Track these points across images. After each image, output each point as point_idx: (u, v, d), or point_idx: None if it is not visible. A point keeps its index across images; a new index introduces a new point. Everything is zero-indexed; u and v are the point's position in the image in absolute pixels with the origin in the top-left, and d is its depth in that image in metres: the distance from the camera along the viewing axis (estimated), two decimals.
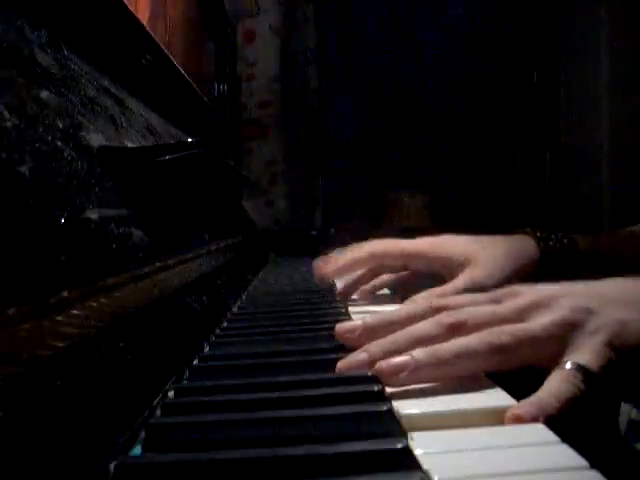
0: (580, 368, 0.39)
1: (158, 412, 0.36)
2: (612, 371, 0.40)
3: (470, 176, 2.59)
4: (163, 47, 0.81)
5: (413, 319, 0.45)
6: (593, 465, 0.27)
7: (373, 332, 0.45)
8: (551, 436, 0.30)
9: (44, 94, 0.43)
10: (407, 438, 0.30)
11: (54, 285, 0.31)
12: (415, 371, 0.40)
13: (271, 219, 2.37)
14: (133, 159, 0.52)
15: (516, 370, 0.42)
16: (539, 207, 2.41)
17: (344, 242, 0.87)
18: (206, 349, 0.52)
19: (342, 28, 2.68)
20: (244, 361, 0.47)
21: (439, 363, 0.40)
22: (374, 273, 0.78)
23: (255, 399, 0.36)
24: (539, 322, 0.43)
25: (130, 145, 0.58)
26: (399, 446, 0.28)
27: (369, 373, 0.39)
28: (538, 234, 0.72)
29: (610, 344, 0.41)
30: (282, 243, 1.82)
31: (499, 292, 0.48)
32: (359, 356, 0.42)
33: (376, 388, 0.36)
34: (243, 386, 0.39)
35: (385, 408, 0.33)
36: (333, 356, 0.44)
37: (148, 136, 0.68)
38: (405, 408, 0.34)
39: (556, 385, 0.38)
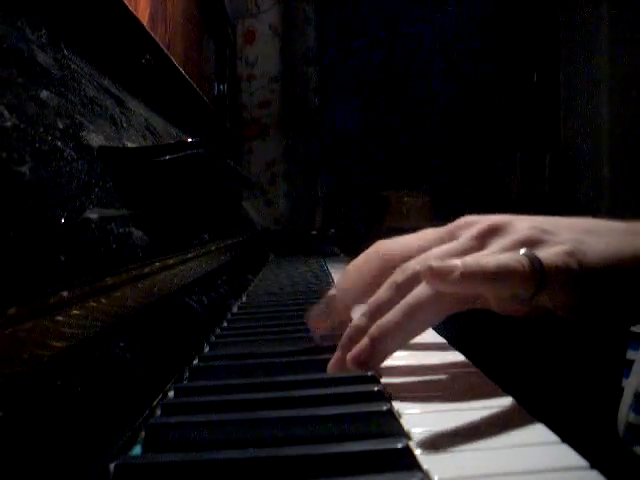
0: (531, 255, 0.38)
1: (158, 412, 0.36)
2: (571, 277, 0.38)
3: (470, 176, 2.59)
4: (163, 47, 0.81)
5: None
6: (592, 467, 0.27)
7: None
8: (551, 436, 0.30)
9: (44, 94, 0.43)
10: (407, 438, 0.30)
11: (54, 285, 0.31)
12: (378, 345, 0.39)
13: (271, 219, 2.37)
14: (133, 159, 0.52)
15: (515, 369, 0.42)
16: (539, 207, 2.41)
17: (344, 244, 0.86)
18: (206, 349, 0.52)
19: (342, 28, 2.68)
20: (244, 361, 0.46)
21: (396, 328, 0.39)
22: None
23: (255, 399, 0.36)
24: (497, 245, 0.41)
25: (130, 145, 0.58)
26: (399, 446, 0.28)
27: (369, 373, 0.39)
28: None
29: (573, 253, 0.39)
30: (282, 243, 1.82)
31: (453, 225, 0.45)
32: (339, 359, 0.41)
33: (376, 388, 0.36)
34: (243, 386, 0.39)
35: (385, 408, 0.33)
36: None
37: (148, 136, 0.68)
38: (406, 408, 0.34)
39: (497, 256, 0.38)
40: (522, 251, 0.38)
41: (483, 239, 0.42)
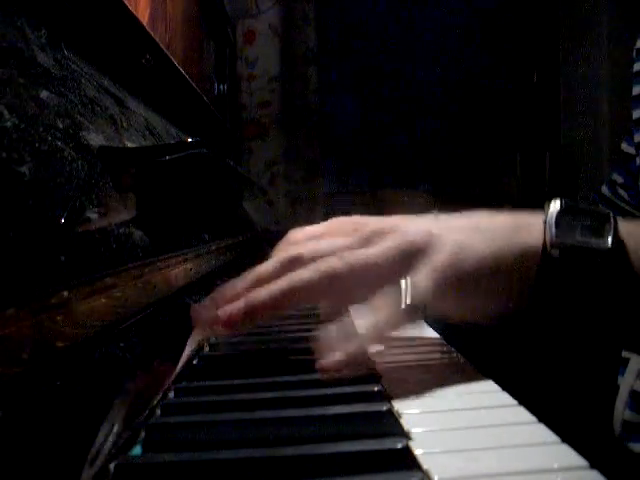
0: (407, 287, 0.40)
1: (158, 412, 0.36)
2: (450, 289, 0.41)
3: (470, 176, 2.59)
4: (163, 47, 0.81)
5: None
6: (589, 462, 0.27)
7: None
8: (551, 436, 0.30)
9: (44, 94, 0.43)
10: (407, 438, 0.30)
11: (54, 285, 0.31)
12: (250, 310, 0.40)
13: (271, 219, 2.37)
14: (133, 159, 0.52)
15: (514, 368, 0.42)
16: (539, 207, 2.40)
17: None
18: (206, 349, 0.52)
19: (342, 28, 2.68)
20: (244, 361, 0.47)
21: (273, 299, 0.41)
22: None
23: (255, 399, 0.36)
24: (379, 247, 0.43)
25: (130, 145, 0.58)
26: (399, 446, 0.28)
27: (370, 373, 0.39)
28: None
29: (449, 264, 0.41)
30: None
31: (357, 223, 0.47)
32: (208, 312, 0.43)
33: (376, 388, 0.36)
34: (243, 386, 0.39)
35: (385, 408, 0.33)
36: None
37: (148, 136, 0.68)
38: (406, 408, 0.34)
39: (382, 313, 0.40)
40: (400, 284, 0.40)
41: (369, 239, 0.44)
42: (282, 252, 0.46)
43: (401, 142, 2.67)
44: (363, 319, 0.43)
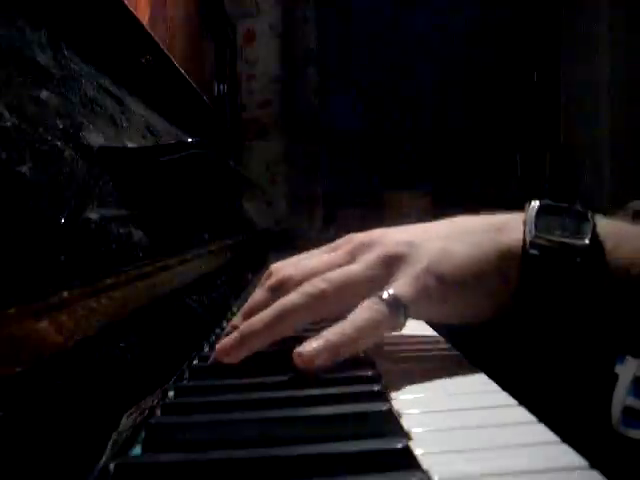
0: (388, 295, 0.40)
1: (158, 412, 0.36)
2: (432, 295, 0.41)
3: (470, 176, 2.59)
4: (163, 47, 0.81)
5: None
6: (591, 464, 0.27)
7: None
8: (551, 436, 0.30)
9: (44, 94, 0.43)
10: (407, 438, 0.30)
11: (54, 285, 0.31)
12: (244, 340, 0.42)
13: (271, 219, 2.37)
14: (133, 159, 0.52)
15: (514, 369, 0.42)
16: None
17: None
18: (206, 349, 0.52)
19: (342, 28, 2.68)
20: (244, 361, 0.46)
21: (265, 325, 0.42)
22: None
23: (255, 399, 0.36)
24: (361, 261, 0.44)
25: (130, 145, 0.58)
26: (399, 446, 0.28)
27: (370, 373, 0.39)
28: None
29: (429, 270, 0.42)
30: (282, 243, 1.82)
31: (339, 241, 0.49)
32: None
33: (376, 388, 0.36)
34: (243, 386, 0.39)
35: (385, 408, 0.33)
36: None
37: (148, 136, 0.68)
38: (406, 408, 0.34)
39: (352, 316, 0.40)
40: (381, 296, 0.41)
41: (353, 254, 0.46)
42: (271, 277, 0.47)
43: (401, 142, 2.67)
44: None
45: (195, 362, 0.47)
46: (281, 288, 0.45)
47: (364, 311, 0.41)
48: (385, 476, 0.27)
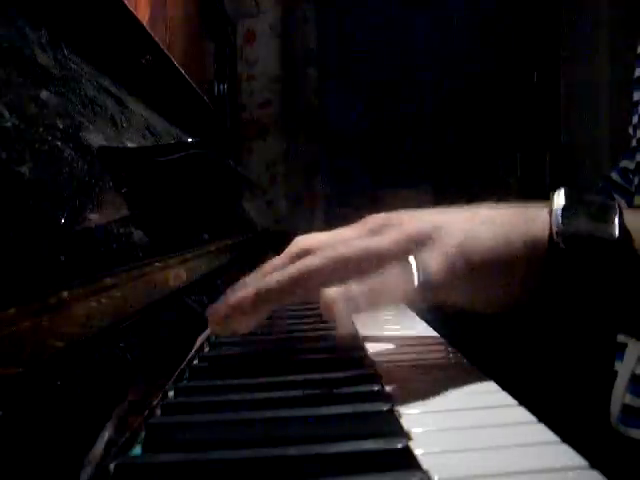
0: (416, 265, 0.40)
1: (158, 412, 0.36)
2: (459, 275, 0.41)
3: (470, 176, 2.59)
4: (163, 47, 0.81)
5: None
6: (591, 463, 0.27)
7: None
8: (551, 436, 0.30)
9: (44, 94, 0.43)
10: (407, 438, 0.30)
11: (54, 285, 0.31)
12: (260, 297, 0.41)
13: (271, 219, 2.37)
14: (133, 159, 0.52)
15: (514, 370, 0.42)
16: None
17: None
18: (206, 349, 0.52)
19: (342, 28, 2.67)
20: (244, 361, 0.46)
21: (282, 284, 0.41)
22: None
23: (255, 399, 0.36)
24: (386, 235, 0.43)
25: (130, 145, 0.58)
26: (399, 446, 0.28)
27: (370, 373, 0.39)
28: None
29: (458, 251, 0.41)
30: (282, 243, 1.82)
31: (362, 220, 0.48)
32: (221, 307, 0.43)
33: (376, 388, 0.36)
34: (243, 386, 0.39)
35: (385, 408, 0.33)
36: (334, 355, 0.44)
37: (148, 136, 0.68)
38: (406, 408, 0.34)
39: (384, 277, 0.39)
40: (410, 261, 0.40)
41: (378, 231, 0.45)
42: (292, 247, 0.46)
43: (401, 142, 2.67)
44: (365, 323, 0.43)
45: (195, 362, 0.47)
46: (302, 255, 0.44)
47: (392, 275, 0.40)
48: (385, 476, 0.27)
